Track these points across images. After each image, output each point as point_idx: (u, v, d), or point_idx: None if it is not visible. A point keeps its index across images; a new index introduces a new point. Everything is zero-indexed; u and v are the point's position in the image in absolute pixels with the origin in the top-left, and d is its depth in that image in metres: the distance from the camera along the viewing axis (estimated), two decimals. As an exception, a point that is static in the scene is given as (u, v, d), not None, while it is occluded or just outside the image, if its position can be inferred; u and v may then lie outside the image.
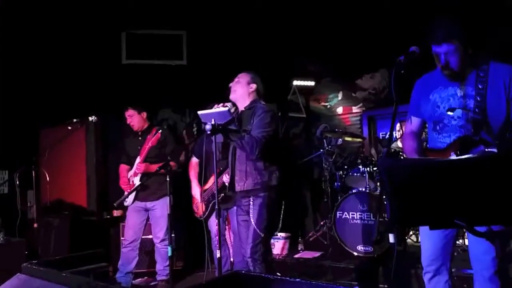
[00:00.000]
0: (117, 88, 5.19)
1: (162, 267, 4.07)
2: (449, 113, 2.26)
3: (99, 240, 4.73)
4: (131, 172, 4.14)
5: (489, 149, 2.04)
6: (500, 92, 2.17)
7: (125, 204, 4.12)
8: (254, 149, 2.95)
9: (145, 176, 4.01)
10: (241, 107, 3.22)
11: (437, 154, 2.29)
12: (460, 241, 3.80)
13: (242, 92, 3.19)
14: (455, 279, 3.29)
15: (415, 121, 2.51)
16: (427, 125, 2.50)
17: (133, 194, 4.05)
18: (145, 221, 4.15)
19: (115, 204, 4.08)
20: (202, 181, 3.77)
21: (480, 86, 2.19)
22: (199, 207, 3.93)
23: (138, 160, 4.09)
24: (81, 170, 5.34)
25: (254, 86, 3.20)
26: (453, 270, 3.37)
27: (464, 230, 2.20)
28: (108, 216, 4.98)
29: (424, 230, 2.41)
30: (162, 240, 4.04)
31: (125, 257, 4.05)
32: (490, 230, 1.90)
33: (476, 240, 2.12)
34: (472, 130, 2.18)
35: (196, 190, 3.95)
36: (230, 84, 3.22)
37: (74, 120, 5.02)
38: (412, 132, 2.51)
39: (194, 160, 4.13)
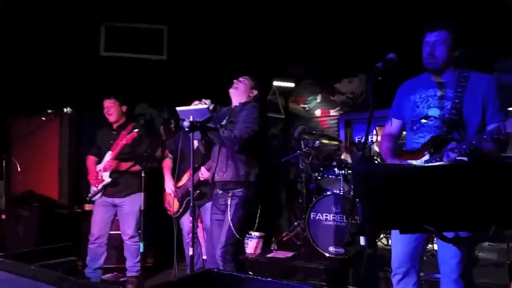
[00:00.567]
0: (94, 81, 5.09)
1: (132, 264, 4.02)
2: (423, 120, 2.33)
3: (69, 234, 4.64)
4: (100, 166, 4.05)
5: (460, 158, 2.10)
6: (477, 98, 2.26)
7: (93, 198, 4.04)
8: (233, 144, 2.97)
9: (115, 172, 3.94)
10: (235, 102, 3.23)
11: (411, 155, 2.36)
12: (430, 246, 3.90)
13: (242, 91, 3.23)
14: (423, 283, 3.38)
15: (395, 123, 2.58)
16: (406, 127, 2.56)
17: (103, 189, 3.97)
18: (112, 217, 4.06)
19: (87, 198, 4.00)
20: (175, 178, 3.75)
21: (459, 90, 2.28)
22: (172, 204, 3.90)
23: (109, 155, 4.00)
24: (53, 162, 5.22)
25: (255, 92, 3.27)
26: (421, 274, 3.48)
27: (433, 235, 2.26)
28: (79, 210, 4.88)
29: (395, 233, 2.47)
30: (131, 237, 3.98)
31: (92, 253, 3.97)
32: (457, 236, 1.96)
33: (444, 244, 2.18)
34: (446, 130, 2.25)
35: (170, 186, 3.91)
36: (231, 90, 3.24)
37: (49, 111, 4.92)
38: (390, 133, 2.58)
39: (169, 157, 4.09)
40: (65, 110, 4.34)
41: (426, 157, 2.27)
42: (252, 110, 3.09)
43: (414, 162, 2.31)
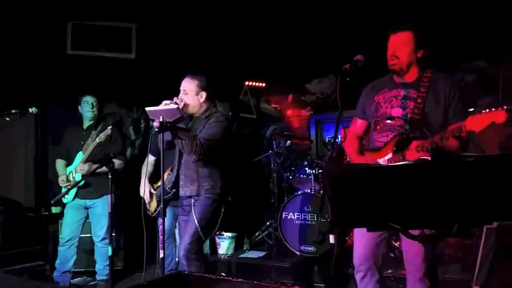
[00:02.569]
0: (60, 79, 4.94)
1: (102, 267, 3.95)
2: (388, 121, 2.39)
3: (36, 238, 4.50)
4: (71, 168, 3.97)
5: (424, 157, 2.16)
6: (440, 99, 2.32)
7: (64, 201, 3.95)
8: (192, 152, 2.89)
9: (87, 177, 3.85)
10: (196, 114, 3.16)
11: (375, 154, 2.41)
12: (398, 243, 4.00)
13: (193, 103, 3.11)
14: (392, 280, 3.46)
15: (359, 123, 2.64)
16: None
17: (73, 190, 3.89)
18: (83, 219, 3.99)
19: (52, 202, 3.89)
20: (154, 177, 3.67)
21: (422, 90, 2.34)
22: (152, 204, 3.84)
23: (81, 156, 3.92)
24: (19, 164, 5.06)
25: (204, 94, 3.11)
26: (390, 271, 3.57)
27: (399, 233, 2.32)
28: (47, 213, 4.75)
29: (357, 231, 2.52)
30: (103, 239, 3.92)
31: (62, 255, 3.88)
32: (422, 233, 2.01)
33: (409, 243, 2.24)
34: (408, 129, 2.31)
35: (145, 189, 3.82)
36: (179, 97, 3.07)
37: (13, 111, 4.75)
38: (354, 133, 2.63)
39: (150, 157, 3.98)
40: (30, 110, 4.19)
41: (389, 155, 2.33)
42: (213, 124, 3.01)
43: (377, 161, 2.36)
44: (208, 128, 3.01)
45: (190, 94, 3.09)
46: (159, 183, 3.74)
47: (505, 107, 1.94)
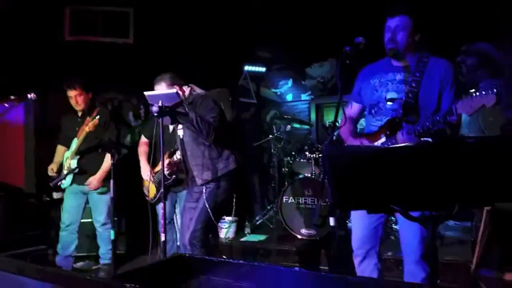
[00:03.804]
0: (59, 65, 4.91)
1: (104, 251, 3.98)
2: (388, 103, 2.38)
3: (38, 223, 4.53)
4: (68, 154, 3.94)
5: (425, 139, 2.16)
6: (434, 83, 2.32)
7: (62, 186, 3.94)
8: (210, 133, 2.93)
9: (85, 159, 3.85)
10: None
11: (369, 137, 2.41)
12: (397, 226, 4.02)
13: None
14: (392, 262, 3.48)
15: (354, 107, 2.62)
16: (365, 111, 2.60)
17: (71, 176, 3.87)
18: (83, 205, 3.99)
19: (51, 185, 3.88)
20: (153, 162, 3.68)
21: (417, 74, 2.33)
22: (151, 190, 3.85)
23: (75, 142, 3.87)
24: (18, 150, 5.07)
25: (176, 87, 3.14)
26: (389, 253, 3.59)
27: (397, 215, 2.33)
28: (48, 199, 4.77)
29: (355, 214, 2.53)
30: (103, 224, 3.93)
31: (63, 240, 3.90)
32: (422, 215, 2.02)
33: (406, 226, 2.26)
34: (402, 113, 2.31)
35: (146, 171, 3.84)
36: (173, 89, 3.08)
37: (12, 97, 4.74)
38: (349, 117, 2.62)
39: (143, 139, 3.99)
40: (29, 96, 4.18)
41: (383, 139, 2.33)
42: (204, 102, 3.06)
43: (372, 144, 2.36)
44: (202, 108, 3.03)
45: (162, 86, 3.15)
46: (157, 169, 3.75)
47: (495, 90, 1.94)
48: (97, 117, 3.73)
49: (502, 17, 4.31)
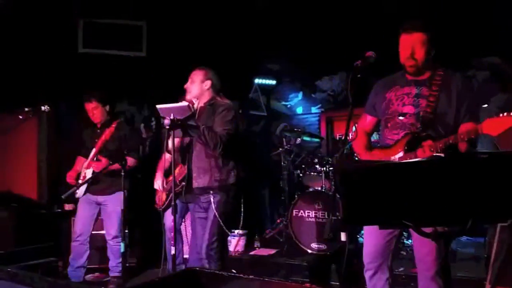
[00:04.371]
0: (72, 77, 4.99)
1: (114, 264, 3.97)
2: (400, 118, 2.37)
3: (49, 234, 4.55)
4: (85, 164, 3.98)
5: (437, 154, 2.14)
6: (452, 97, 2.30)
7: (76, 196, 3.95)
8: (218, 145, 2.94)
9: (100, 173, 3.85)
10: (200, 104, 3.19)
11: (385, 152, 2.39)
12: (410, 241, 3.97)
13: (197, 91, 3.16)
14: (404, 278, 3.43)
15: (368, 120, 2.61)
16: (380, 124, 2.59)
17: (85, 186, 3.89)
18: (95, 215, 4.00)
19: (63, 197, 3.90)
20: (167, 173, 3.70)
21: (434, 88, 2.31)
22: (161, 198, 3.87)
23: (92, 152, 3.94)
24: (31, 161, 5.13)
25: (208, 83, 3.17)
26: (401, 269, 3.54)
27: (410, 230, 2.30)
28: (59, 210, 4.80)
29: (368, 228, 2.50)
30: (114, 237, 3.92)
31: (75, 251, 3.91)
32: (435, 231, 1.99)
33: (421, 241, 2.22)
34: (421, 128, 2.29)
35: (158, 181, 3.85)
36: (185, 86, 3.17)
37: (26, 109, 4.81)
38: (363, 130, 2.61)
39: (167, 156, 4.01)
40: (42, 108, 4.25)
41: (400, 154, 2.31)
42: (224, 113, 3.06)
43: (388, 158, 2.34)
44: (220, 120, 3.03)
45: (196, 82, 3.17)
46: (170, 178, 3.76)
47: None
48: (114, 125, 3.79)
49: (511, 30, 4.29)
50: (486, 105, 2.17)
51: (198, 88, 3.16)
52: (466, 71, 4.63)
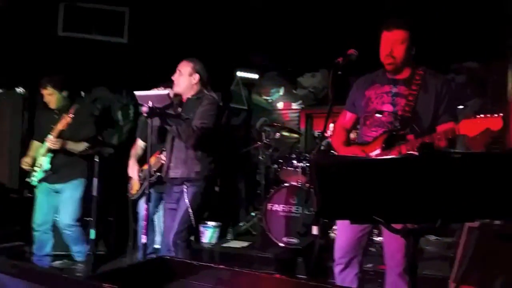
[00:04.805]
0: (50, 61, 4.86)
1: (77, 250, 3.85)
2: (377, 115, 2.39)
3: (18, 219, 4.45)
4: (42, 150, 3.78)
5: (411, 152, 2.17)
6: (431, 97, 2.33)
7: (32, 183, 3.79)
8: (189, 138, 2.91)
9: (57, 157, 3.71)
10: (187, 95, 3.15)
11: (362, 148, 2.41)
12: (379, 238, 4.04)
13: (185, 84, 3.11)
14: (372, 274, 3.49)
15: (348, 116, 2.63)
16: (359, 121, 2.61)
17: (41, 174, 3.74)
18: (56, 203, 3.84)
19: (27, 180, 3.78)
20: (143, 161, 3.66)
21: (413, 88, 2.34)
22: (134, 187, 3.82)
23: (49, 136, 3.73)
24: (3, 145, 5.00)
25: (197, 76, 3.12)
26: (370, 265, 3.60)
27: (381, 227, 2.33)
28: (30, 195, 4.68)
29: (340, 223, 2.53)
30: (68, 227, 3.77)
31: (38, 240, 3.79)
32: (405, 228, 2.03)
33: (390, 238, 2.26)
34: (399, 126, 2.32)
35: (133, 169, 3.80)
36: (173, 77, 3.12)
37: (0, 90, 4.67)
38: (343, 126, 2.63)
39: (141, 142, 3.93)
40: (17, 90, 4.11)
41: (377, 151, 2.33)
42: (208, 106, 3.03)
43: (365, 154, 2.37)
44: (201, 113, 3.00)
45: (184, 74, 3.11)
46: (144, 167, 3.72)
47: (501, 114, 1.94)
48: (69, 115, 3.64)
49: (490, 37, 4.39)
50: (461, 107, 2.21)
51: (186, 81, 3.11)
52: (445, 74, 4.72)
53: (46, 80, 3.79)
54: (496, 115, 1.93)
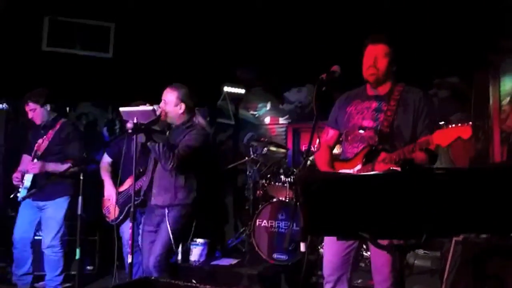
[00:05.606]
0: (34, 76, 4.81)
1: (50, 277, 3.70)
2: (360, 131, 2.41)
3: (1, 239, 4.34)
4: (26, 168, 3.73)
5: (394, 168, 2.18)
6: (409, 112, 2.37)
7: (18, 199, 3.72)
8: (168, 161, 2.86)
9: (41, 174, 3.64)
10: (177, 123, 3.11)
11: (345, 165, 2.43)
12: (368, 253, 4.03)
13: (174, 114, 3.06)
14: (361, 290, 3.47)
15: (330, 133, 2.65)
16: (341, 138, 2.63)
17: (25, 191, 3.67)
18: (36, 221, 3.77)
19: (11, 197, 3.71)
20: (118, 183, 3.60)
21: (392, 103, 2.38)
22: (111, 211, 3.74)
23: (33, 154, 3.71)
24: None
25: (183, 106, 3.06)
26: (360, 281, 3.59)
27: (368, 242, 2.33)
28: (13, 214, 4.58)
29: (327, 240, 2.52)
30: (49, 247, 3.67)
31: (16, 258, 3.70)
32: (391, 244, 2.03)
33: (377, 253, 2.26)
34: (378, 141, 2.34)
35: (110, 192, 3.74)
36: (161, 107, 3.01)
37: (-17, 105, 4.60)
38: (326, 143, 2.64)
39: (107, 159, 3.88)
40: (0, 106, 4.05)
41: (358, 167, 2.35)
42: (195, 136, 3.00)
43: (347, 171, 2.38)
44: (187, 141, 2.98)
45: (170, 104, 3.05)
46: (121, 189, 3.66)
47: (470, 123, 1.99)
48: (59, 125, 3.61)
49: (472, 53, 4.48)
50: (442, 122, 2.24)
51: (172, 112, 3.05)
52: (428, 89, 4.79)
53: (27, 96, 3.74)
54: (466, 124, 1.97)
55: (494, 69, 4.46)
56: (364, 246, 4.02)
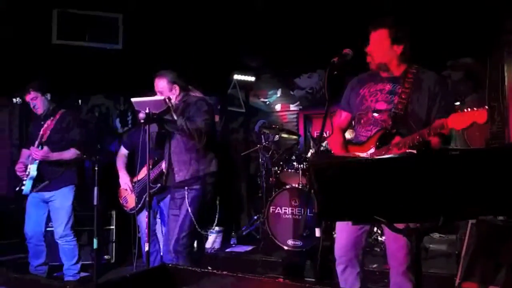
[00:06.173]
0: (45, 69, 4.85)
1: (67, 266, 3.74)
2: (375, 114, 2.38)
3: (18, 230, 4.42)
4: (30, 158, 3.73)
5: (409, 150, 2.16)
6: (424, 95, 2.32)
7: (23, 192, 3.72)
8: (201, 137, 2.91)
9: (45, 164, 3.64)
10: (175, 101, 3.13)
11: (358, 148, 2.41)
12: (383, 237, 4.02)
13: (173, 100, 3.09)
14: (377, 274, 3.47)
15: (343, 116, 2.62)
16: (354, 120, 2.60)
17: (31, 182, 3.67)
18: (46, 214, 3.77)
19: (17, 189, 3.72)
20: (137, 171, 3.65)
21: (406, 86, 2.34)
22: (129, 200, 3.79)
23: (36, 143, 3.69)
24: (2, 156, 4.99)
25: (176, 87, 3.11)
26: (375, 265, 3.58)
27: (383, 226, 2.32)
28: (13, 206, 4.62)
29: (339, 223, 2.51)
30: (63, 236, 3.70)
31: (32, 251, 3.73)
32: (407, 227, 2.02)
33: (393, 237, 2.25)
34: (392, 125, 2.31)
35: (126, 181, 3.79)
36: (161, 96, 3.03)
37: (-3, 101, 4.66)
38: (338, 126, 2.62)
39: (123, 151, 3.94)
40: (14, 100, 4.09)
41: (372, 150, 2.33)
42: (199, 104, 3.05)
43: (360, 155, 2.36)
44: (196, 110, 3.01)
45: (165, 91, 3.09)
46: (137, 178, 3.71)
47: (486, 106, 1.95)
48: (58, 116, 3.64)
49: (486, 33, 4.39)
50: (458, 103, 2.20)
51: (171, 94, 3.10)
52: (442, 71, 4.71)
53: (28, 86, 3.76)
54: (481, 108, 1.93)
55: (509, 49, 4.36)
56: (379, 231, 4.01)
